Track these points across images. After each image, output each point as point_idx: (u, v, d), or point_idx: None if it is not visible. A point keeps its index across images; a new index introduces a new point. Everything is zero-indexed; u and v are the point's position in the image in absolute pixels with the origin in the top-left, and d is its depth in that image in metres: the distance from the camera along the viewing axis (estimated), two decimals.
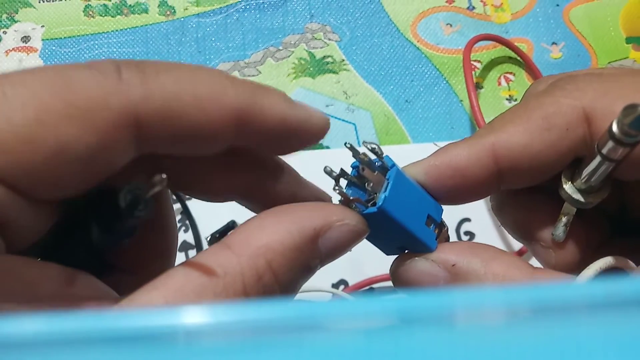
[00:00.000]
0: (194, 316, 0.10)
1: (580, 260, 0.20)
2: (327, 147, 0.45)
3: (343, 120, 0.47)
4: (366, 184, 0.18)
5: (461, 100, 0.48)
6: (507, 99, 0.48)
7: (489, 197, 0.22)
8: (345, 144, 0.18)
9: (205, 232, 0.40)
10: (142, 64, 0.16)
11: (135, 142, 0.15)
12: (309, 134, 0.18)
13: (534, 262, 0.21)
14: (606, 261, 0.18)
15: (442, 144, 0.19)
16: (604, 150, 0.17)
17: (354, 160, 0.19)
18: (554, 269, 0.20)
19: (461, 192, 0.19)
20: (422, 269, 0.18)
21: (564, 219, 0.19)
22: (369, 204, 0.18)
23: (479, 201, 0.43)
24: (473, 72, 0.49)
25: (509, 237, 0.41)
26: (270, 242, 0.16)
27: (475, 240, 0.42)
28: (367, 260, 0.39)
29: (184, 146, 0.16)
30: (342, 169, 0.18)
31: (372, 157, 0.19)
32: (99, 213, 0.16)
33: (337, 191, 0.18)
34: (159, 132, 0.15)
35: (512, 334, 0.11)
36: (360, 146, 0.20)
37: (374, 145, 0.18)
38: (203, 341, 0.11)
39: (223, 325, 0.11)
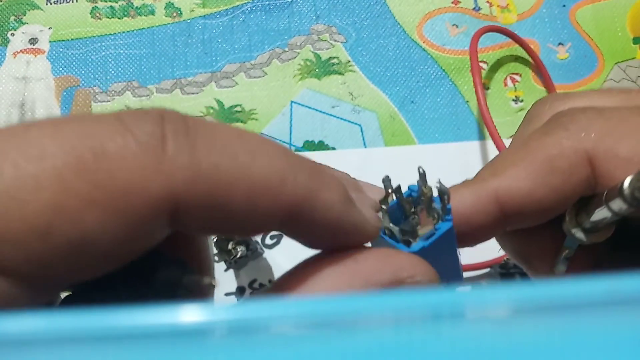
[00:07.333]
0: (193, 315, 0.10)
1: None
2: (333, 149, 0.45)
3: (349, 121, 0.47)
4: (412, 218, 0.17)
5: (467, 101, 0.47)
6: (513, 100, 0.48)
7: None
8: (418, 168, 0.17)
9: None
10: (193, 129, 0.12)
11: (170, 225, 0.13)
12: (356, 241, 0.15)
13: None
14: None
15: (452, 145, 0.18)
16: (613, 207, 0.16)
17: (386, 175, 0.18)
18: None
19: (465, 238, 0.18)
20: None
21: (565, 253, 0.19)
22: (400, 238, 0.17)
23: None
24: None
25: None
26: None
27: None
28: None
29: (222, 231, 0.14)
30: (399, 186, 0.17)
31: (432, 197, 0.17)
32: (130, 283, 0.14)
33: (384, 209, 0.17)
34: (197, 218, 0.13)
35: (510, 332, 0.11)
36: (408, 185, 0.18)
37: (444, 189, 0.17)
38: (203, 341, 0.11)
39: (223, 324, 0.11)
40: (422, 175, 0.17)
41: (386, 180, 0.17)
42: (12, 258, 0.11)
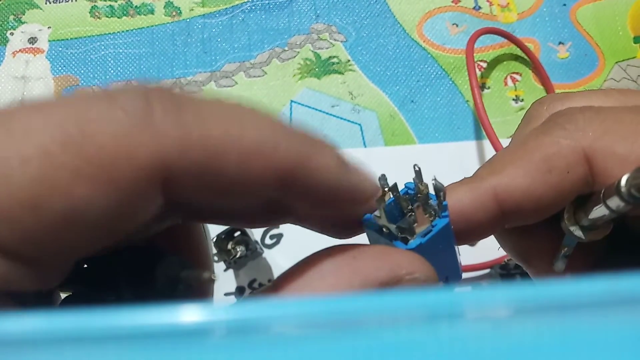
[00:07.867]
0: (193, 315, 0.10)
1: None
2: None
3: (349, 121, 0.47)
4: (409, 215, 0.17)
5: (467, 100, 0.47)
6: (513, 99, 0.48)
7: None
8: (414, 166, 0.17)
9: (212, 233, 0.40)
10: (179, 98, 0.12)
11: (162, 196, 0.12)
12: (356, 204, 0.16)
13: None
14: None
15: (452, 144, 0.19)
16: (611, 204, 0.17)
17: (382, 173, 0.18)
18: None
19: (464, 235, 0.19)
20: None
21: (564, 251, 0.19)
22: (398, 236, 0.17)
23: None
24: (479, 72, 0.48)
25: None
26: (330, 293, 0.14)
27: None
28: None
29: (214, 201, 0.14)
30: (395, 184, 0.17)
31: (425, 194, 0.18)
32: (130, 282, 0.14)
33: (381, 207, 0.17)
34: (190, 187, 0.13)
35: (512, 331, 0.11)
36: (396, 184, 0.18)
37: (440, 186, 0.17)
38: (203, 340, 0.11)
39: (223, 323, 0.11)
40: (418, 173, 0.17)
41: (382, 179, 0.17)
42: (6, 236, 0.11)
